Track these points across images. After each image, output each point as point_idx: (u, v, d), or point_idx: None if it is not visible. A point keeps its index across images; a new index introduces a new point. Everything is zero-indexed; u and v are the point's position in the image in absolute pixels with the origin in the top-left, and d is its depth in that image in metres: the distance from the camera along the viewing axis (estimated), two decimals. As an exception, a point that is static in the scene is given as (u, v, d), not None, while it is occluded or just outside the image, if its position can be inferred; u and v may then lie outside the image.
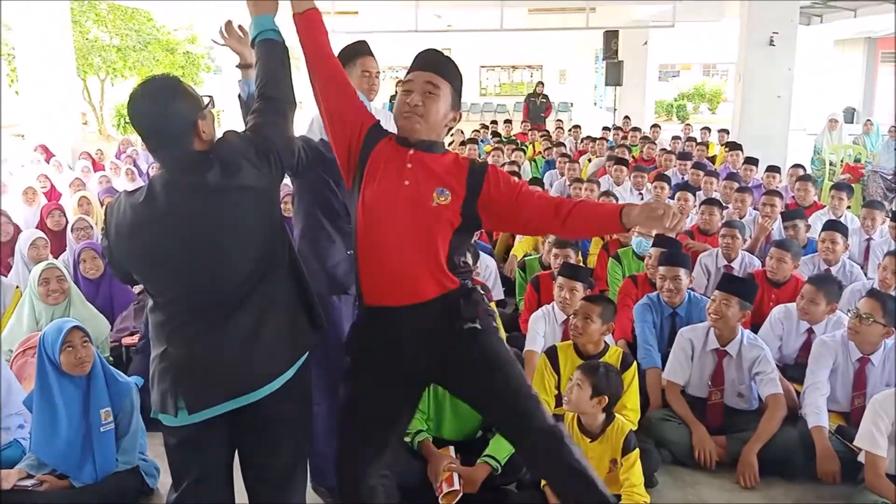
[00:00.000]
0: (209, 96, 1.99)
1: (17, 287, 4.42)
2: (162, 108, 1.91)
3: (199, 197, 1.91)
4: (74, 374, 2.90)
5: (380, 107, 3.83)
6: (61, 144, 9.98)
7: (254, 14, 2.15)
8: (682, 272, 3.95)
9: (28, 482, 2.79)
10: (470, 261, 2.57)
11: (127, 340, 4.24)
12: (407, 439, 3.04)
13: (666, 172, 7.58)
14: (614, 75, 15.15)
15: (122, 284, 4.78)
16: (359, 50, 3.36)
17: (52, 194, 7.71)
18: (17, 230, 5.57)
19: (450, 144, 12.22)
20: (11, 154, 10.08)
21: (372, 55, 3.33)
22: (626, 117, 13.77)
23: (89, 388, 2.92)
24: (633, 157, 9.53)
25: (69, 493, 2.81)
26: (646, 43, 16.56)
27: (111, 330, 4.24)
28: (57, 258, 4.73)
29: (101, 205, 6.55)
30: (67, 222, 5.71)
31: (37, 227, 5.55)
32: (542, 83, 14.77)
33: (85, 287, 4.45)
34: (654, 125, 12.64)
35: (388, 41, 20.48)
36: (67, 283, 4.07)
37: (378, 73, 3.36)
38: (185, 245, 1.92)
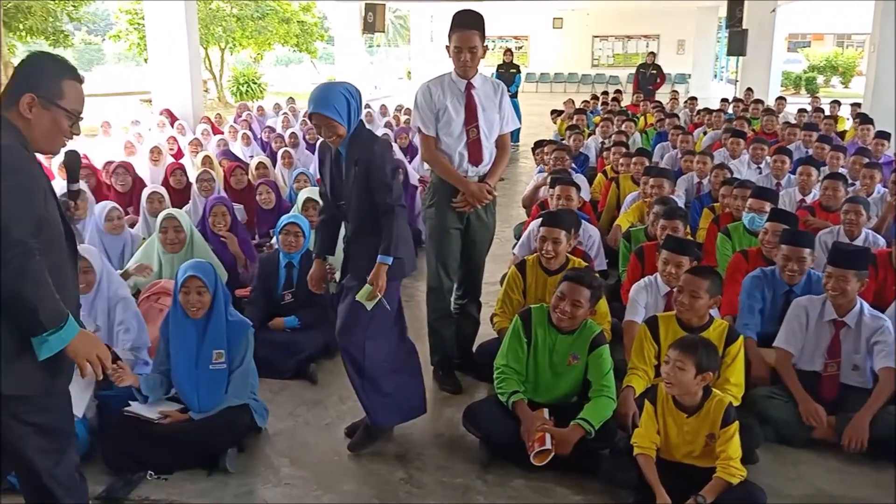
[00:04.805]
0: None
1: (144, 238, 4.74)
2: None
3: None
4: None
5: (488, 75, 3.79)
6: (184, 110, 10.57)
7: None
8: (806, 252, 3.75)
9: (154, 416, 3.04)
10: None
11: (240, 292, 4.48)
12: (502, 399, 3.08)
13: (789, 146, 7.17)
14: (738, 45, 14.44)
15: (247, 240, 4.98)
16: (450, 26, 3.35)
17: (179, 155, 8.19)
18: (141, 184, 5.96)
19: (560, 115, 12.03)
20: (142, 117, 10.77)
21: (465, 28, 3.32)
22: (749, 89, 13.03)
23: (206, 329, 3.13)
24: (753, 130, 9.07)
25: (186, 426, 3.04)
26: (774, 10, 15.61)
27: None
28: (179, 213, 5.02)
29: (221, 166, 6.91)
30: (188, 181, 6.05)
31: (162, 185, 5.92)
32: (654, 54, 14.26)
33: (213, 241, 4.65)
34: (780, 98, 11.92)
35: (501, 10, 20.30)
36: (185, 233, 4.31)
37: (472, 47, 3.36)
38: None
